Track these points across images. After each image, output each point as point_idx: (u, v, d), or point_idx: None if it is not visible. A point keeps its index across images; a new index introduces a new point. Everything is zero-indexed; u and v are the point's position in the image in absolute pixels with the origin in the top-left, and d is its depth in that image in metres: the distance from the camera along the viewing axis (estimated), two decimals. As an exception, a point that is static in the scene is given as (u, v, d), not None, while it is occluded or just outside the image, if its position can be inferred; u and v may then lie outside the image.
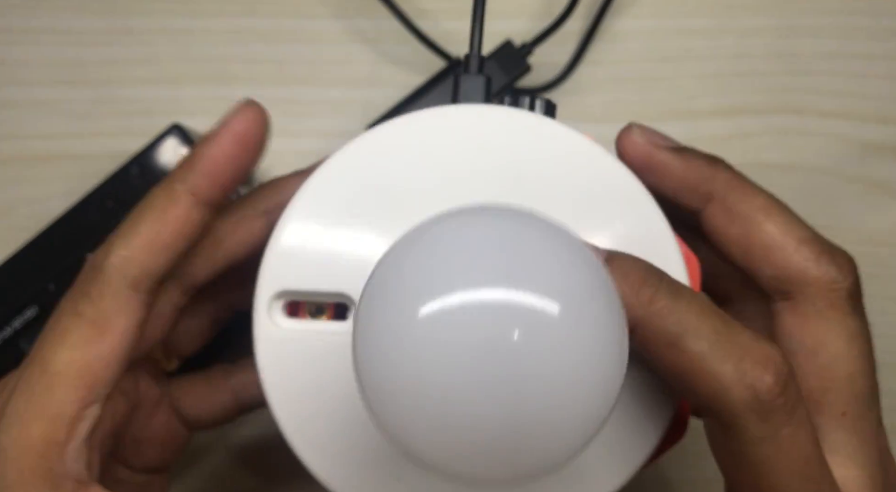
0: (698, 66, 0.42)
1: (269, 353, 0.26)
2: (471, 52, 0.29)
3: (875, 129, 0.42)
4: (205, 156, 0.26)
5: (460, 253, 0.18)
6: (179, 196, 0.26)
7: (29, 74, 0.42)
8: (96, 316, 0.25)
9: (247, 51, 0.42)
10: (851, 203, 0.42)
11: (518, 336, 0.17)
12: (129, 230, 0.26)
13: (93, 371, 0.25)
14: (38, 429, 0.24)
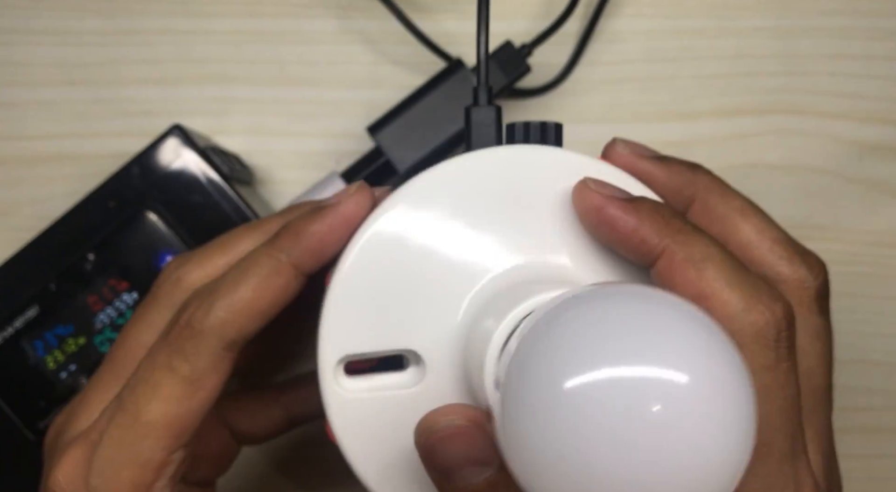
0: (698, 66, 0.42)
1: (343, 418, 0.26)
2: (479, 82, 0.30)
3: (874, 129, 0.42)
4: (313, 233, 0.27)
5: (599, 331, 0.19)
6: (283, 268, 0.27)
7: (30, 75, 0.42)
8: (191, 374, 0.27)
9: (247, 51, 0.42)
10: (851, 203, 0.42)
11: (658, 409, 0.18)
12: (231, 292, 0.27)
13: (182, 423, 0.27)
14: (129, 474, 0.27)
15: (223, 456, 0.33)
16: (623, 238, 0.25)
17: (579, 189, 0.26)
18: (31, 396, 0.37)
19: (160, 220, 0.37)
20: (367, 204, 0.27)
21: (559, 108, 0.42)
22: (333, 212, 0.27)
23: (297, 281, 0.27)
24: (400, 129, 0.39)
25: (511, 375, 0.20)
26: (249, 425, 0.33)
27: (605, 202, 0.25)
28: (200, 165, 0.37)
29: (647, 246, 0.25)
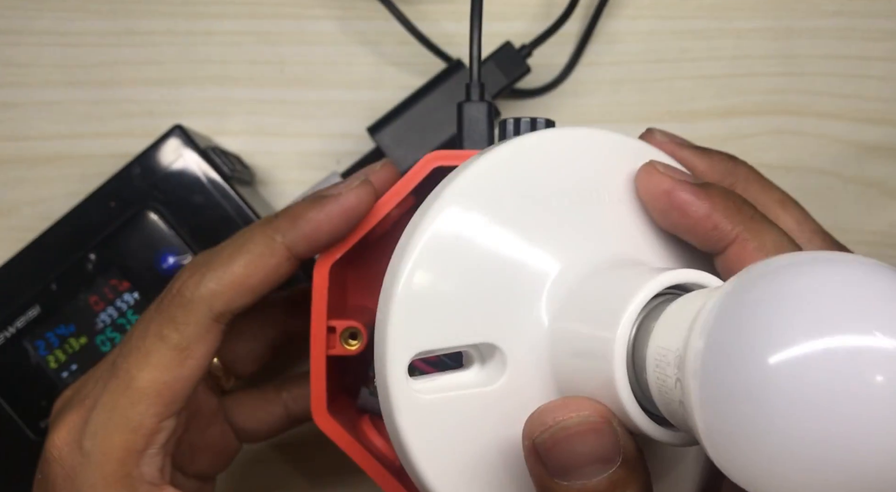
0: (696, 67, 0.43)
1: (415, 424, 0.24)
2: (471, 80, 0.30)
3: (872, 129, 0.42)
4: (310, 219, 0.28)
5: (804, 302, 0.18)
6: (277, 248, 0.28)
7: (31, 75, 0.42)
8: (180, 342, 0.27)
9: (248, 52, 0.42)
10: (849, 203, 0.43)
11: (880, 379, 0.17)
12: (223, 266, 0.28)
13: (172, 390, 0.28)
14: (120, 438, 0.27)
15: (223, 452, 0.34)
16: (694, 223, 0.25)
17: (646, 172, 0.25)
18: (33, 395, 0.37)
19: (161, 220, 0.37)
20: (368, 198, 0.27)
21: (559, 108, 0.42)
22: (333, 202, 0.27)
23: (289, 263, 0.28)
24: (400, 129, 0.39)
25: (716, 356, 0.19)
26: (250, 421, 0.34)
27: (675, 186, 0.25)
28: (201, 166, 0.37)
29: (718, 232, 0.24)
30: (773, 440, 0.18)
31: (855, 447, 0.17)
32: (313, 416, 0.28)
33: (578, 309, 0.24)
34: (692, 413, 0.19)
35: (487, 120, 0.30)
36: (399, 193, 0.28)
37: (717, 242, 0.25)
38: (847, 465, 0.17)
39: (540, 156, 0.25)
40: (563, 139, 0.25)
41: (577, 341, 0.23)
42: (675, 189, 0.25)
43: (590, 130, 0.26)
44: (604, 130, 0.26)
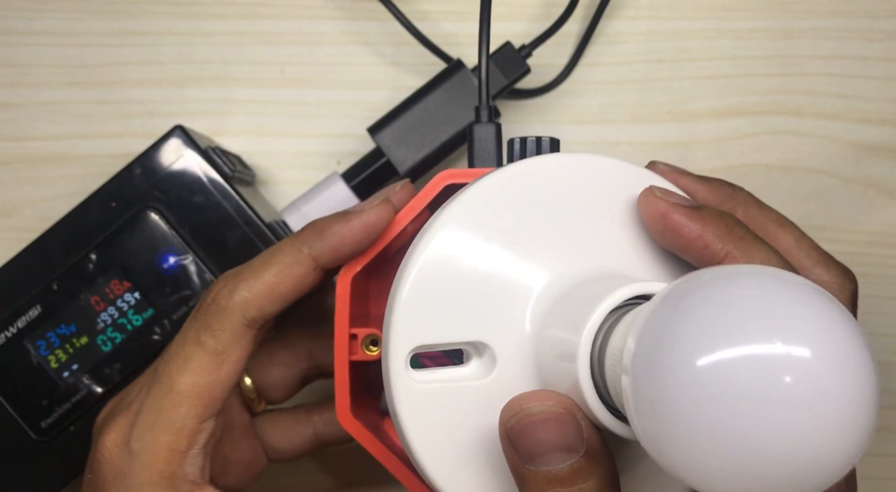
0: (696, 67, 0.43)
1: (411, 408, 0.27)
2: (481, 101, 0.32)
3: (872, 130, 0.43)
4: (336, 233, 0.30)
5: (729, 310, 0.20)
6: (304, 259, 0.30)
7: (33, 76, 0.42)
8: (217, 346, 0.30)
9: (249, 53, 0.42)
10: (849, 203, 0.43)
11: (788, 380, 0.19)
12: (254, 276, 0.30)
13: (211, 393, 0.30)
14: (165, 439, 0.29)
15: (252, 467, 0.35)
16: (687, 243, 0.27)
17: (645, 196, 0.27)
18: (34, 395, 0.37)
19: (162, 220, 0.37)
20: (388, 215, 0.30)
21: (559, 108, 0.43)
22: (356, 217, 0.30)
23: (314, 273, 0.30)
24: (400, 129, 0.39)
25: (642, 355, 0.21)
26: (280, 440, 0.36)
27: (670, 209, 0.27)
28: (202, 166, 0.37)
29: (710, 251, 0.26)
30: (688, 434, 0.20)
31: (769, 441, 0.19)
32: (338, 417, 0.30)
33: (557, 315, 0.26)
34: (627, 407, 0.21)
35: (496, 140, 0.32)
36: (414, 209, 0.30)
37: (708, 260, 0.27)
38: (763, 456, 0.19)
39: (540, 179, 0.28)
40: (565, 165, 0.28)
41: (554, 343, 0.26)
42: (669, 212, 0.27)
43: (592, 157, 0.28)
44: (607, 157, 0.28)
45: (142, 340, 0.37)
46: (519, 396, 0.25)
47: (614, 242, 0.28)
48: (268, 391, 0.36)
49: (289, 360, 0.36)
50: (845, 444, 0.20)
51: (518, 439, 0.25)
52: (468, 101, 0.39)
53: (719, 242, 0.26)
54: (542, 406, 0.25)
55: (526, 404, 0.25)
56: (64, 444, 0.37)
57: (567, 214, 0.27)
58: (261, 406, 0.36)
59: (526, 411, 0.25)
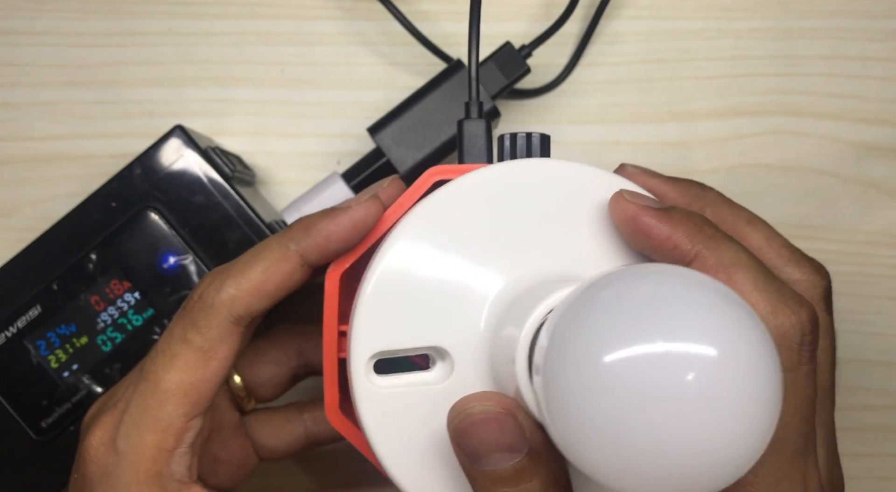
0: (696, 67, 0.43)
1: (372, 412, 0.27)
2: (470, 98, 0.32)
3: (872, 130, 0.43)
4: (323, 229, 0.29)
5: (636, 306, 0.21)
6: (292, 255, 0.30)
7: (33, 76, 0.42)
8: (203, 344, 0.29)
9: (248, 53, 0.42)
10: (849, 203, 0.43)
11: (691, 378, 0.20)
12: (241, 273, 0.30)
13: (198, 391, 0.29)
14: (152, 437, 0.29)
15: (242, 466, 0.35)
16: (657, 244, 0.27)
17: (615, 200, 0.28)
18: (34, 395, 0.37)
19: (162, 220, 0.37)
20: (375, 211, 0.30)
21: (558, 108, 0.43)
22: (343, 214, 0.29)
23: (302, 269, 0.30)
24: (400, 129, 0.39)
25: (552, 353, 0.22)
26: (270, 439, 0.35)
27: (639, 211, 0.27)
28: (202, 166, 0.37)
29: (679, 251, 0.26)
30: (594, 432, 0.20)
31: (673, 438, 0.20)
32: (326, 414, 0.30)
33: (507, 318, 0.27)
34: (541, 406, 0.22)
35: (486, 136, 0.32)
36: (403, 205, 0.30)
37: (678, 260, 0.27)
38: (667, 453, 0.20)
39: (505, 186, 0.28)
40: (532, 170, 0.28)
41: (503, 345, 0.26)
42: (639, 215, 0.27)
43: (559, 163, 0.28)
44: (575, 163, 0.28)
45: (142, 340, 0.37)
46: (463, 398, 0.26)
47: (582, 246, 0.28)
48: (257, 389, 0.35)
49: (278, 358, 0.36)
50: (746, 441, 0.20)
51: (462, 440, 0.25)
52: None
53: (689, 243, 0.26)
54: (482, 406, 0.25)
55: (467, 405, 0.25)
56: (64, 444, 0.37)
57: (531, 219, 0.28)
58: (250, 404, 0.35)
59: (467, 411, 0.25)
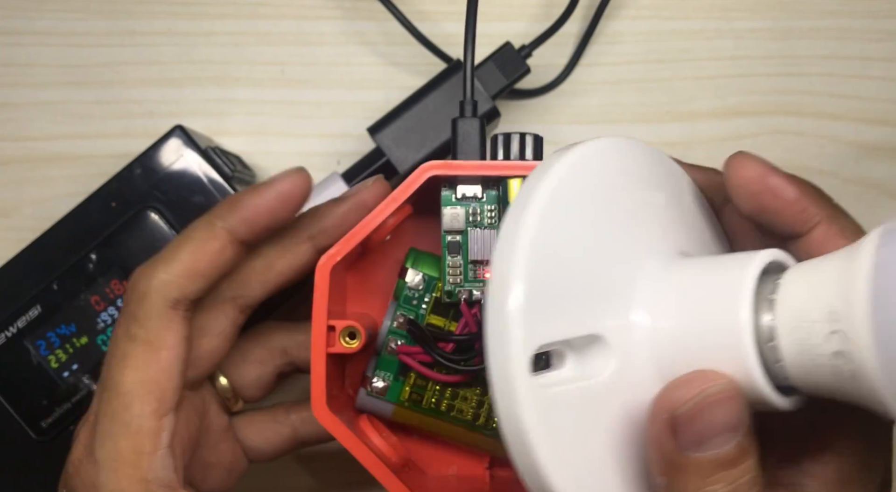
0: (696, 67, 0.43)
1: (540, 419, 0.23)
2: (465, 97, 0.32)
3: (871, 130, 0.43)
4: (247, 203, 0.29)
5: None
6: (218, 232, 0.29)
7: (33, 76, 0.42)
8: (147, 336, 0.29)
9: (248, 53, 0.42)
10: (848, 204, 0.42)
11: None
12: (170, 257, 0.29)
13: (158, 384, 0.29)
14: (126, 443, 0.28)
15: (232, 469, 0.35)
16: (784, 205, 0.27)
17: (738, 160, 0.27)
18: (34, 395, 0.37)
19: (162, 220, 0.37)
20: (303, 183, 0.30)
21: (559, 108, 0.43)
22: (268, 188, 0.30)
23: (232, 246, 0.30)
24: (400, 129, 0.39)
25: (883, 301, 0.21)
26: (258, 440, 0.35)
27: (767, 171, 0.27)
28: (202, 166, 0.37)
29: (806, 215, 0.26)
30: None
31: None
32: (313, 410, 0.29)
33: (683, 296, 0.25)
34: (864, 352, 0.21)
35: (479, 134, 0.32)
36: (397, 199, 0.30)
37: (803, 223, 0.27)
38: None
39: (607, 163, 0.26)
40: (620, 149, 0.27)
41: (691, 326, 0.24)
42: (768, 173, 0.27)
43: (636, 142, 0.27)
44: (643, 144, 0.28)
45: (142, 340, 0.37)
46: (683, 379, 0.24)
47: (680, 221, 0.27)
48: (244, 390, 0.35)
49: (263, 357, 0.35)
50: None
51: (690, 424, 0.23)
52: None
53: (815, 208, 0.27)
54: (719, 386, 0.23)
55: (701, 385, 0.23)
56: (64, 444, 0.37)
57: (633, 197, 0.26)
58: (238, 405, 0.35)
59: (706, 392, 0.23)
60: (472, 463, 0.34)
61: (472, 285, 0.31)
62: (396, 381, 0.32)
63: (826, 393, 0.24)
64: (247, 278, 0.32)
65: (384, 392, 0.32)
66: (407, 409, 0.32)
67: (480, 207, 0.31)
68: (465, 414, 0.32)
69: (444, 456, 0.34)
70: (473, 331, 0.31)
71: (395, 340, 0.32)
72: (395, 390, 0.32)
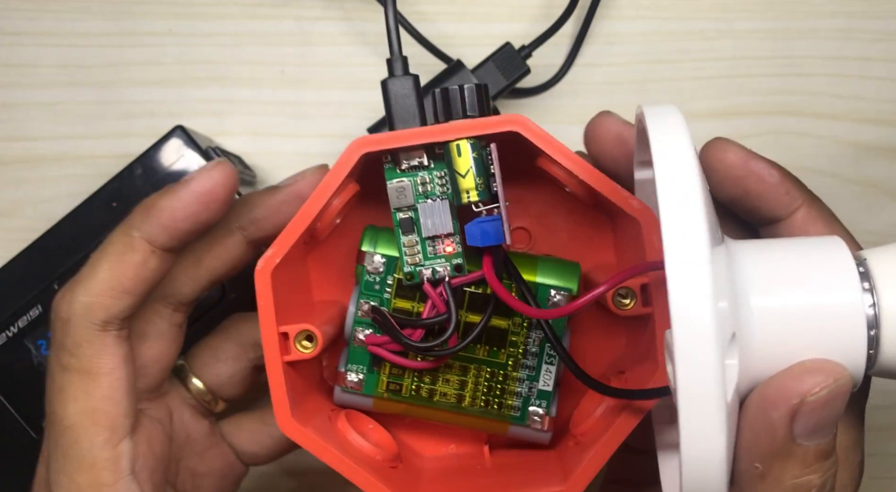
0: (696, 68, 0.43)
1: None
2: (392, 53, 0.29)
3: (871, 130, 0.43)
4: (164, 208, 0.27)
5: None
6: (136, 244, 0.27)
7: (33, 76, 0.42)
8: (81, 365, 0.27)
9: (249, 53, 0.42)
10: (848, 204, 0.43)
11: None
12: (89, 276, 0.27)
13: (105, 413, 0.27)
14: (84, 478, 0.27)
15: (227, 475, 0.33)
16: (768, 188, 0.27)
17: (719, 145, 0.28)
18: (35, 394, 0.37)
19: (162, 220, 0.37)
20: (223, 180, 0.27)
21: (559, 108, 0.43)
22: (184, 188, 0.27)
23: (155, 257, 0.27)
24: (400, 130, 0.39)
25: None
26: (251, 444, 0.33)
27: (749, 155, 0.28)
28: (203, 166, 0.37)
29: (790, 197, 0.27)
30: None
31: None
32: (279, 425, 0.28)
33: (786, 279, 0.24)
34: None
35: (416, 94, 0.28)
36: (330, 184, 0.28)
37: (786, 205, 0.27)
38: None
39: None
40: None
41: (800, 310, 0.24)
42: (750, 158, 0.27)
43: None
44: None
45: (142, 340, 0.37)
46: (810, 366, 0.23)
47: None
48: (221, 389, 0.33)
49: (235, 352, 0.33)
50: None
51: (813, 413, 0.23)
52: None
53: (797, 191, 0.27)
54: (846, 376, 0.23)
55: (835, 374, 0.23)
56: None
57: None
58: (218, 406, 0.33)
59: (840, 381, 0.23)
60: (471, 440, 0.33)
61: (432, 263, 0.29)
62: (371, 372, 0.30)
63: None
64: (174, 276, 0.30)
65: (360, 386, 0.30)
66: (387, 400, 0.31)
67: (429, 174, 0.29)
68: (449, 397, 0.30)
69: (441, 436, 0.33)
70: (442, 312, 0.29)
71: (361, 330, 0.30)
72: (371, 383, 0.30)
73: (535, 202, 0.33)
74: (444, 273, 0.29)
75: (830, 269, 0.24)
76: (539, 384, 0.30)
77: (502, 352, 0.30)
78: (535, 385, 0.30)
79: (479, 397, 0.31)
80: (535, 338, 0.30)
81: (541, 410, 0.30)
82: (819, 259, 0.24)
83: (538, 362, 0.30)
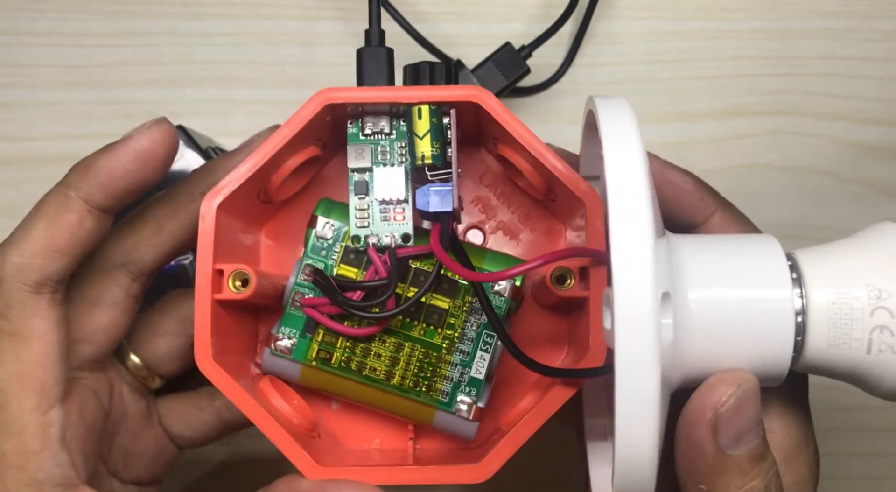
0: (695, 68, 0.43)
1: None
2: (370, 27, 0.30)
3: (871, 130, 0.43)
4: (102, 166, 0.26)
5: None
6: (72, 203, 0.26)
7: (34, 76, 0.42)
8: (12, 328, 0.26)
9: (249, 53, 0.42)
10: (848, 203, 0.43)
11: None
12: (21, 236, 0.26)
13: (35, 378, 0.26)
14: (10, 445, 0.26)
15: (159, 456, 0.32)
16: (683, 195, 0.29)
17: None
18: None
19: (162, 220, 0.37)
20: (163, 138, 0.27)
21: (559, 108, 0.43)
22: (123, 145, 0.27)
23: (92, 216, 0.27)
24: (400, 129, 0.39)
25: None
26: (183, 427, 0.33)
27: (665, 164, 0.29)
28: (202, 166, 0.37)
29: (704, 203, 0.29)
30: None
31: None
32: (196, 362, 0.27)
33: (719, 273, 0.25)
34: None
35: (387, 63, 0.30)
36: (291, 128, 0.28)
37: (702, 211, 0.29)
38: None
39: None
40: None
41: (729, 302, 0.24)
42: (665, 167, 0.29)
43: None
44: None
45: (142, 340, 0.37)
46: (720, 378, 0.24)
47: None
48: (158, 365, 0.32)
49: (173, 328, 0.31)
50: None
51: (732, 421, 0.23)
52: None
53: (710, 197, 0.29)
54: (751, 380, 0.23)
55: (737, 382, 0.23)
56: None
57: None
58: (155, 382, 0.32)
59: (743, 386, 0.23)
60: (396, 435, 0.32)
61: (381, 230, 0.29)
62: (303, 337, 0.29)
63: (824, 371, 0.25)
64: (136, 243, 0.29)
65: (290, 351, 0.29)
66: (315, 368, 0.30)
67: (390, 144, 0.29)
68: (379, 373, 0.30)
69: (367, 429, 0.32)
70: (383, 276, 0.29)
71: (301, 294, 0.29)
72: (301, 348, 0.29)
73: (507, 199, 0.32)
74: (391, 242, 0.29)
75: (763, 263, 0.25)
76: (471, 371, 0.30)
77: (439, 332, 0.30)
78: (468, 372, 0.30)
79: (409, 376, 0.30)
80: (474, 322, 0.30)
81: (468, 398, 0.30)
82: (753, 254, 0.25)
83: (473, 348, 0.30)
